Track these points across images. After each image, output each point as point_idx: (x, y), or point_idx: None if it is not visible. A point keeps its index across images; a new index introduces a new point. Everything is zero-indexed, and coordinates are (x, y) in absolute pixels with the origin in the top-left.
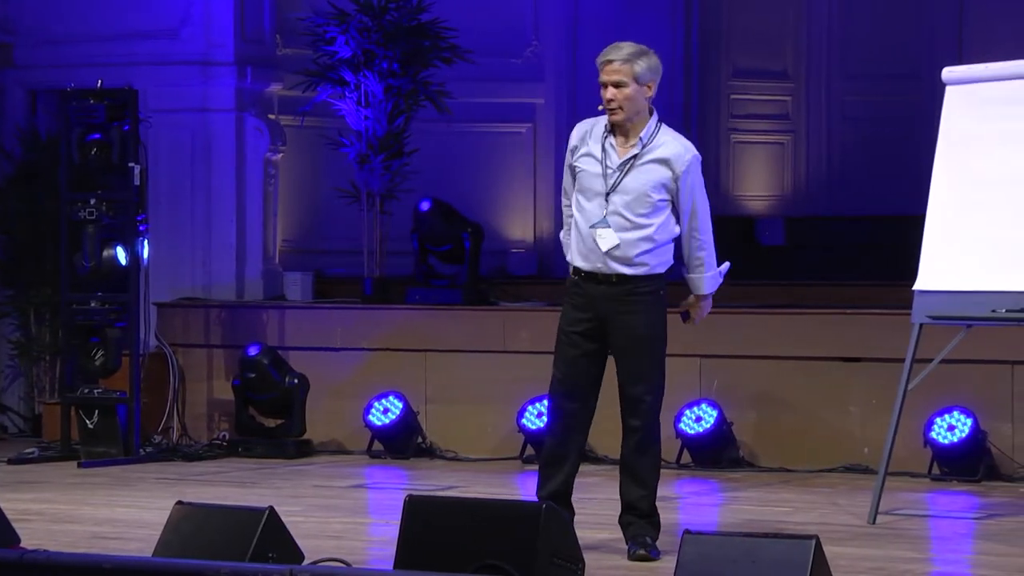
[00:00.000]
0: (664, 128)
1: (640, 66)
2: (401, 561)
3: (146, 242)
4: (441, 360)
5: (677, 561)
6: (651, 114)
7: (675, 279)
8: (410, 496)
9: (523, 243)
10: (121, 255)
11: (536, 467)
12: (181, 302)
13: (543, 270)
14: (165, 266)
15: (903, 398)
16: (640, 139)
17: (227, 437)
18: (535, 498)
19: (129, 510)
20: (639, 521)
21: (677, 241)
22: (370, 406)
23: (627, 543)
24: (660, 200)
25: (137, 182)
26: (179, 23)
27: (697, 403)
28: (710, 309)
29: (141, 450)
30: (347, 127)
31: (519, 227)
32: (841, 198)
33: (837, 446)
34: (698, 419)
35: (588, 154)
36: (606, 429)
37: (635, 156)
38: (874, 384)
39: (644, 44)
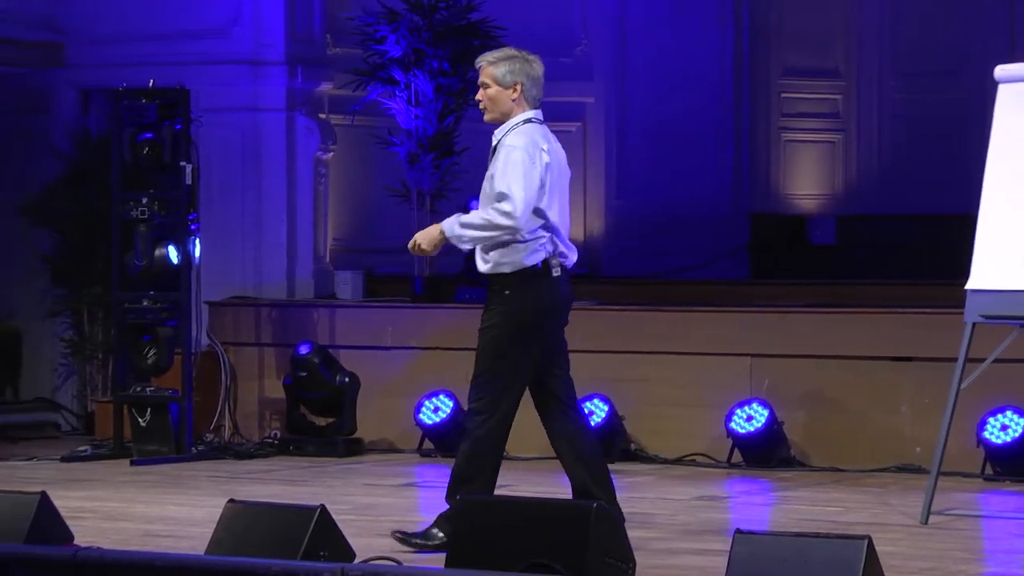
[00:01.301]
0: (517, 131)
1: (501, 69)
2: (452, 560)
3: (197, 241)
4: None
5: (728, 560)
6: (521, 114)
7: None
8: (461, 495)
9: (573, 242)
10: (173, 254)
11: None
12: (232, 301)
13: (593, 269)
14: (216, 265)
15: (955, 398)
16: (495, 135)
17: (278, 436)
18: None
19: (181, 508)
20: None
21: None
22: (420, 405)
23: None
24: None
25: (189, 181)
26: (230, 22)
27: (748, 402)
28: (430, 241)
29: (193, 448)
30: (397, 126)
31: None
32: (892, 197)
33: (889, 446)
34: (749, 418)
35: None
36: (654, 429)
37: (494, 148)
38: (926, 383)
39: (693, 43)
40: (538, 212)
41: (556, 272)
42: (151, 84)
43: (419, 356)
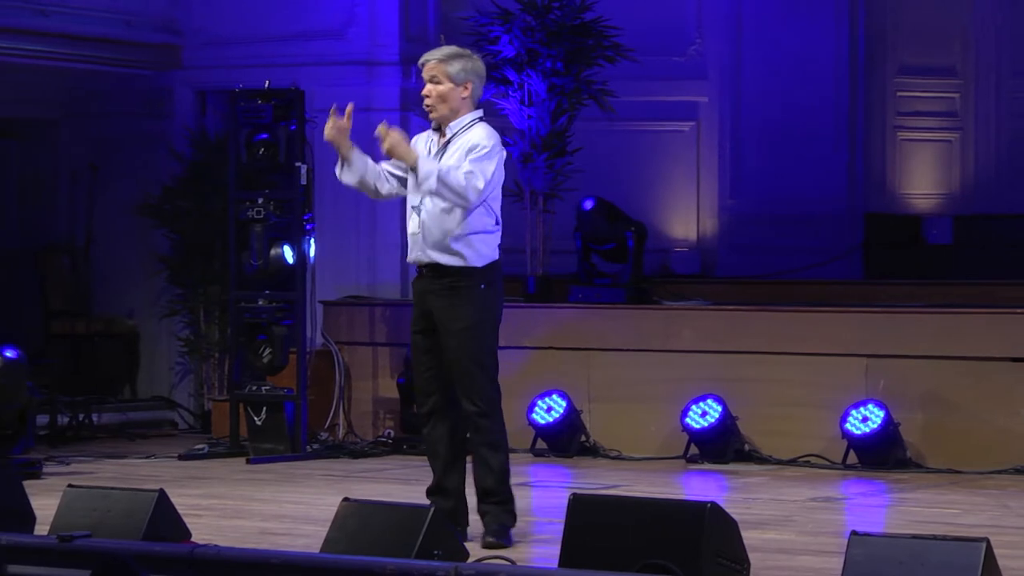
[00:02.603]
0: (481, 124)
1: (454, 67)
2: (566, 559)
3: (312, 241)
4: (604, 359)
5: (844, 562)
6: (470, 112)
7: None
8: (575, 495)
9: (686, 242)
10: (288, 254)
11: (701, 466)
12: (346, 300)
13: (706, 269)
14: (331, 264)
15: None
16: (450, 128)
17: (392, 435)
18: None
19: (296, 507)
20: (494, 509)
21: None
22: (534, 404)
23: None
24: None
25: (304, 181)
26: (344, 24)
27: (864, 403)
28: (402, 153)
29: (308, 447)
30: (511, 126)
31: (682, 226)
32: (1010, 196)
33: (1006, 447)
34: (864, 419)
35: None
36: (770, 430)
37: (446, 144)
38: None
39: (809, 42)
40: (490, 207)
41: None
42: (267, 85)
43: (532, 356)
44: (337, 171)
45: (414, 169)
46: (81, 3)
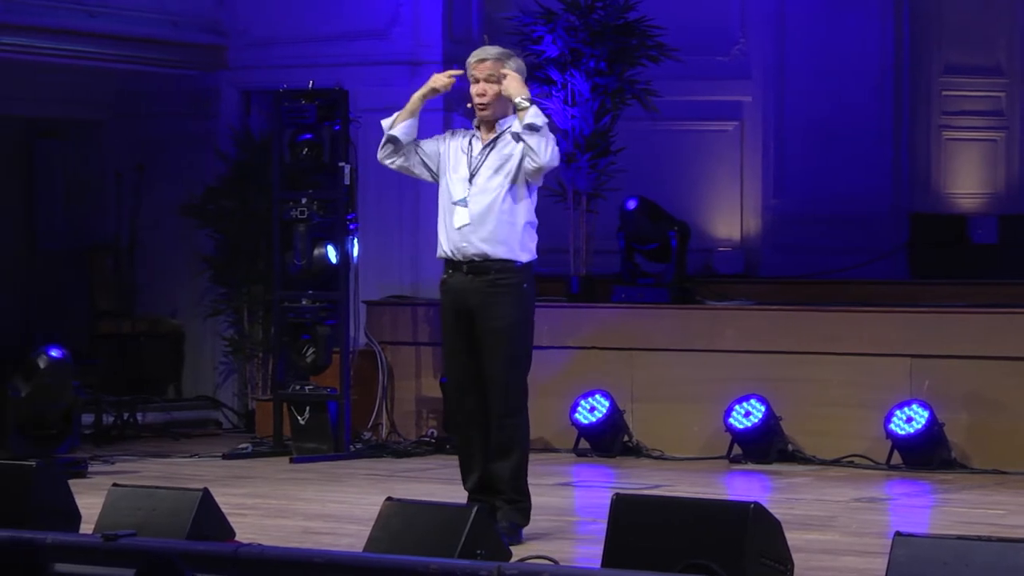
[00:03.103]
0: None
1: (510, 66)
2: (608, 559)
3: (356, 241)
4: (647, 359)
5: (888, 563)
6: (514, 113)
7: None
8: (618, 495)
9: (730, 242)
10: (331, 254)
11: (745, 467)
12: (390, 300)
13: (750, 269)
14: (374, 264)
15: None
16: (500, 124)
17: (435, 434)
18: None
19: (340, 506)
20: (505, 507)
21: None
22: (576, 404)
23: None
24: (506, 177)
25: (347, 181)
26: (388, 24)
27: (908, 403)
28: (514, 87)
29: (351, 446)
30: (554, 126)
31: (726, 226)
32: None
33: None
34: (909, 420)
35: (455, 145)
36: (812, 429)
37: (494, 140)
38: None
39: (853, 41)
40: (534, 199)
41: None
42: (311, 85)
43: (575, 356)
44: (388, 121)
45: (522, 103)
46: (127, 4)
